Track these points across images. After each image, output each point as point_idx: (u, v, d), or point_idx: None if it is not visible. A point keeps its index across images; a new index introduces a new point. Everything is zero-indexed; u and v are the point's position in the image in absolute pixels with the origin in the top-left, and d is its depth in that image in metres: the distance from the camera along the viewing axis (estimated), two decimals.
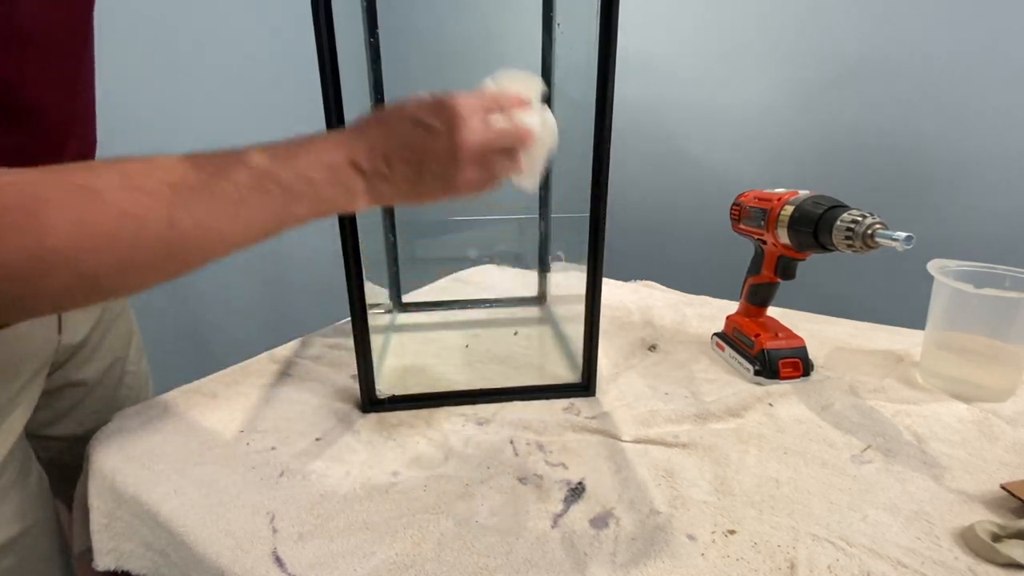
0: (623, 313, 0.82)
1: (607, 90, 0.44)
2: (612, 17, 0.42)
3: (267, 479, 0.44)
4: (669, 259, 1.39)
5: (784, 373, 0.59)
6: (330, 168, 0.35)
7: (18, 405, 0.45)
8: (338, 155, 0.36)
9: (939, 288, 0.57)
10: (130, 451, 0.48)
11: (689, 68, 1.26)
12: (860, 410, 0.54)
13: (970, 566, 0.35)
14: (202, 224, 0.31)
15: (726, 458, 0.46)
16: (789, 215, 0.54)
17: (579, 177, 0.50)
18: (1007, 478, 0.43)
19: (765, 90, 1.18)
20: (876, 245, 0.45)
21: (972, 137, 1.00)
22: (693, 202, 1.33)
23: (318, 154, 0.35)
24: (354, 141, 0.36)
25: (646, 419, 0.52)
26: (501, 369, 0.64)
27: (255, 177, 0.33)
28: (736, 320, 0.66)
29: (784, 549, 0.37)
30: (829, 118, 1.13)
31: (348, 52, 0.43)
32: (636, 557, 0.36)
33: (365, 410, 0.54)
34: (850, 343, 0.70)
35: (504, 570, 0.35)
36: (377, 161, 0.36)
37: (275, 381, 0.61)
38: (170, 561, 0.40)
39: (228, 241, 0.33)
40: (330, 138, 0.37)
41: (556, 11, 0.68)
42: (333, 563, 0.36)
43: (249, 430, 0.51)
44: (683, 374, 0.62)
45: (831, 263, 1.06)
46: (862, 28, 1.06)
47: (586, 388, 0.57)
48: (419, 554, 0.36)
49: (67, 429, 0.55)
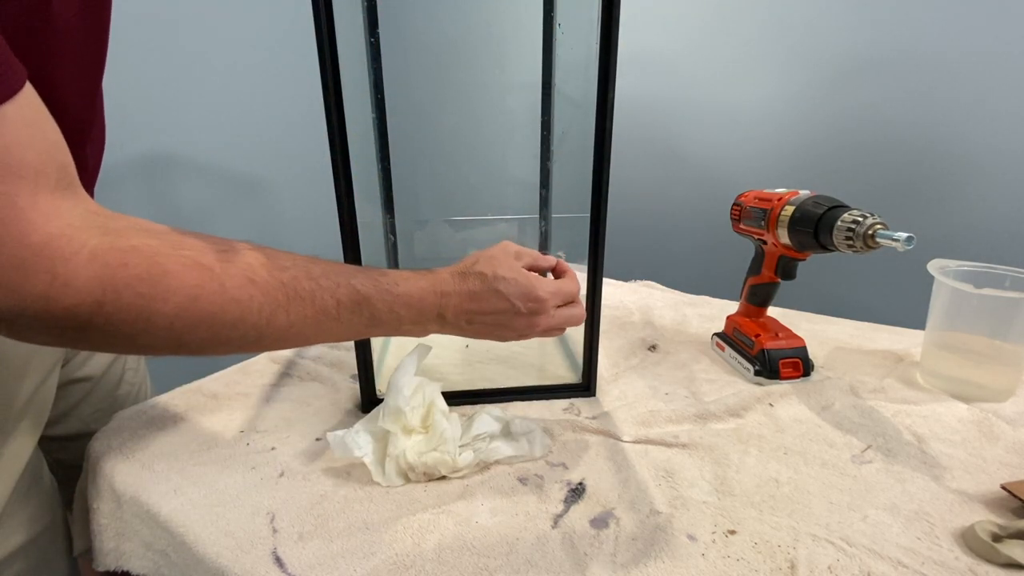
0: (623, 313, 0.82)
1: (608, 90, 0.44)
2: (613, 17, 0.42)
3: (267, 479, 0.44)
4: (669, 259, 1.39)
5: (784, 373, 0.59)
6: (420, 312, 0.40)
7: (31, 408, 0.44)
8: (430, 304, 0.40)
9: (939, 288, 0.57)
10: (130, 451, 0.48)
11: (690, 68, 1.26)
12: (860, 410, 0.54)
13: (970, 566, 0.35)
14: (294, 326, 0.34)
15: (726, 458, 0.46)
16: (789, 215, 0.54)
17: (579, 177, 0.50)
18: (1007, 478, 0.43)
19: (766, 90, 1.18)
20: (877, 245, 0.45)
21: (972, 137, 1.00)
22: (693, 202, 1.33)
23: (412, 295, 0.40)
24: (448, 297, 0.41)
25: (646, 419, 0.52)
26: (501, 369, 0.64)
27: (355, 301, 0.37)
28: (736, 320, 0.66)
29: (784, 549, 0.37)
30: (830, 118, 1.13)
31: (348, 52, 0.43)
32: (636, 557, 0.36)
33: (365, 410, 0.54)
34: (850, 343, 0.70)
35: (504, 570, 0.35)
36: (460, 319, 0.42)
37: (275, 381, 0.61)
38: (170, 561, 0.40)
39: (306, 342, 0.37)
40: (429, 281, 0.41)
41: (556, 11, 0.68)
42: (333, 563, 0.36)
43: (249, 430, 0.51)
44: (683, 374, 0.62)
45: (831, 263, 1.06)
46: (863, 28, 1.06)
47: (586, 388, 0.57)
48: (419, 554, 0.36)
49: (70, 428, 0.55)
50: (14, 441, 0.42)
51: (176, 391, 0.58)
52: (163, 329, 0.29)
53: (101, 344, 0.29)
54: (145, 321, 0.28)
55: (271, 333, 0.33)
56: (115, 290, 0.27)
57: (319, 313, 0.35)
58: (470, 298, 0.42)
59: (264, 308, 0.32)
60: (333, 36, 0.41)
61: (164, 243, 0.29)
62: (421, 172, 0.99)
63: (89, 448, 0.49)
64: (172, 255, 0.29)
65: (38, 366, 0.44)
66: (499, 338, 0.44)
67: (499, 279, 0.42)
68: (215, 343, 0.31)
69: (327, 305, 0.35)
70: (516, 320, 0.43)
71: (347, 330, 0.38)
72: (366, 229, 0.50)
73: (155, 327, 0.28)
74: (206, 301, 0.30)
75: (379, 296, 0.38)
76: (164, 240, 0.29)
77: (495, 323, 0.43)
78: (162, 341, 0.30)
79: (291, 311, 0.33)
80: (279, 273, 0.33)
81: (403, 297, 0.39)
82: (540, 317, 0.43)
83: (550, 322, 0.44)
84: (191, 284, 0.29)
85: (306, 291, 0.34)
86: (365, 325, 0.38)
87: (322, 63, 0.42)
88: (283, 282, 0.33)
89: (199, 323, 0.30)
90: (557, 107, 0.73)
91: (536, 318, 0.43)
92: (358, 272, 0.38)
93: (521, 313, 0.42)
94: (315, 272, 0.35)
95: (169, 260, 0.29)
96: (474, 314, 0.42)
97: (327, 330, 0.36)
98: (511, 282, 0.42)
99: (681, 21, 1.24)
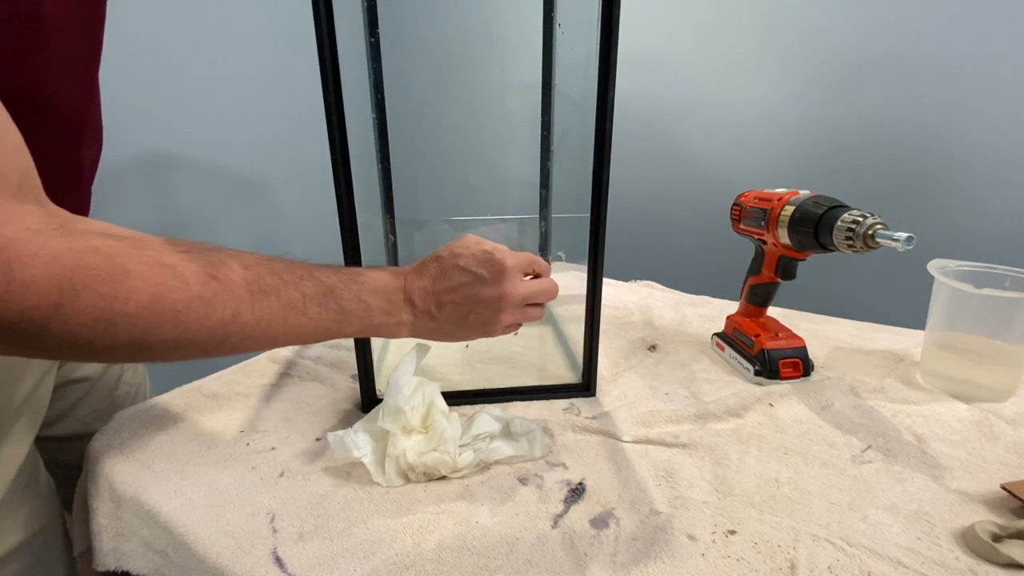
0: (623, 313, 0.82)
1: (608, 90, 0.44)
2: (613, 17, 0.42)
3: (267, 479, 0.44)
4: (669, 259, 1.39)
5: (784, 373, 0.59)
6: (388, 299, 0.40)
7: (28, 408, 0.44)
8: (395, 287, 0.41)
9: (939, 288, 0.57)
10: (130, 451, 0.48)
11: (690, 68, 1.26)
12: (860, 410, 0.54)
13: (970, 566, 0.35)
14: (260, 323, 0.33)
15: (726, 458, 0.46)
16: (790, 215, 0.54)
17: (579, 177, 0.50)
18: (1007, 478, 0.43)
19: (766, 90, 1.18)
20: (877, 245, 0.45)
21: (973, 137, 1.00)
22: (693, 202, 1.33)
23: (377, 282, 0.40)
24: (412, 280, 0.41)
25: (646, 419, 0.52)
26: (501, 369, 0.64)
27: (320, 292, 0.36)
28: (736, 320, 0.66)
29: (784, 549, 0.36)
30: (830, 118, 1.13)
31: (348, 52, 0.43)
32: (636, 557, 0.36)
33: (365, 410, 0.54)
34: (850, 343, 0.70)
35: (504, 570, 0.35)
36: (429, 302, 0.42)
37: (275, 381, 0.61)
38: (170, 561, 0.40)
39: (275, 341, 0.35)
40: (391, 271, 0.41)
41: (556, 11, 0.68)
42: (333, 563, 0.36)
43: (249, 430, 0.51)
44: (683, 374, 0.62)
45: (831, 263, 1.06)
46: (863, 28, 1.06)
47: (586, 388, 0.57)
48: (419, 554, 0.36)
49: (68, 428, 0.55)
50: (10, 440, 0.42)
51: (176, 391, 0.58)
52: (125, 330, 0.28)
53: (60, 349, 0.28)
54: (106, 323, 0.27)
55: (237, 331, 0.32)
56: (74, 291, 0.26)
57: (285, 308, 0.34)
58: (433, 279, 0.42)
59: (228, 304, 0.31)
60: (333, 36, 0.41)
61: (125, 244, 0.28)
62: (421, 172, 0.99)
63: (89, 448, 0.49)
64: (133, 255, 0.28)
65: (36, 366, 0.44)
66: (479, 323, 0.43)
67: (455, 255, 0.43)
68: (178, 345, 0.30)
69: (292, 299, 0.35)
70: (484, 290, 0.42)
71: (316, 325, 0.37)
72: (366, 229, 0.50)
73: (116, 329, 0.28)
74: (169, 299, 0.29)
75: (344, 286, 0.38)
76: (125, 242, 0.29)
77: (465, 299, 0.42)
78: (124, 344, 0.28)
79: (256, 307, 0.33)
80: (242, 270, 0.33)
81: (369, 284, 0.39)
82: (507, 283, 0.43)
83: (522, 289, 0.44)
84: (154, 283, 0.28)
85: (270, 286, 0.34)
86: (334, 319, 0.37)
87: (322, 63, 0.42)
88: (246, 278, 0.33)
89: (163, 322, 0.29)
90: (557, 107, 0.73)
91: (503, 284, 0.43)
92: (321, 267, 0.38)
93: (486, 280, 0.42)
94: (278, 268, 0.35)
95: (130, 260, 0.28)
96: (442, 294, 0.42)
97: (295, 326, 0.35)
98: (468, 256, 0.43)
99: (681, 21, 1.24)
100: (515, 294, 0.43)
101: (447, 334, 0.44)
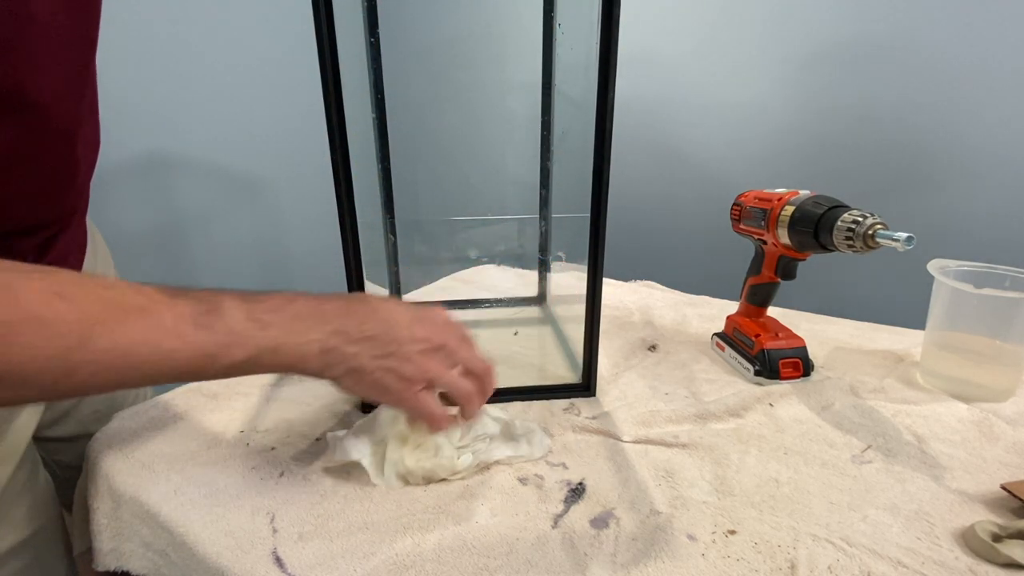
0: (623, 313, 0.82)
1: (608, 90, 0.44)
2: (613, 17, 0.42)
3: (267, 479, 0.44)
4: (669, 259, 1.39)
5: (784, 373, 0.59)
6: (294, 317, 0.34)
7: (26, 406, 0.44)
8: (304, 305, 0.36)
9: (939, 288, 0.57)
10: (130, 451, 0.48)
11: (690, 68, 1.26)
12: (860, 410, 0.54)
13: (970, 566, 0.35)
14: (118, 348, 0.27)
15: (726, 458, 0.46)
16: (789, 215, 0.54)
17: (579, 177, 0.50)
18: (1007, 478, 0.43)
19: (766, 90, 1.18)
20: (877, 245, 0.45)
21: (973, 137, 1.00)
22: (693, 202, 1.33)
23: (284, 297, 0.35)
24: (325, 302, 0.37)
25: (646, 419, 0.52)
26: (501, 369, 0.63)
27: (200, 312, 0.30)
28: (736, 320, 0.66)
29: (784, 549, 0.37)
30: (830, 118, 1.13)
31: (348, 52, 0.43)
32: (636, 557, 0.36)
33: (365, 410, 0.54)
34: (850, 343, 0.70)
35: (504, 570, 0.35)
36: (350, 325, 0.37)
37: (275, 381, 0.61)
38: (170, 561, 0.40)
39: (141, 377, 0.29)
40: (298, 293, 0.37)
41: (556, 11, 0.68)
42: (333, 563, 0.36)
43: (249, 430, 0.51)
44: (683, 374, 0.62)
45: (831, 263, 1.06)
46: (864, 27, 1.06)
47: (586, 388, 0.57)
48: (419, 554, 0.36)
49: (68, 429, 0.55)
50: (9, 437, 0.42)
51: (176, 391, 0.58)
52: None
53: None
54: None
55: (86, 359, 0.27)
56: None
57: (151, 330, 0.28)
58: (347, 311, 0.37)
59: (75, 327, 0.26)
60: (333, 36, 0.41)
61: None
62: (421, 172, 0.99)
63: (89, 448, 0.49)
64: None
65: None
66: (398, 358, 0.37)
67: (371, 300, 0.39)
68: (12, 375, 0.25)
69: (163, 320, 0.29)
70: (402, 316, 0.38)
71: (194, 352, 0.30)
72: (366, 229, 0.50)
73: None
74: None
75: (235, 303, 0.32)
76: None
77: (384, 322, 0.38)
78: None
79: (115, 330, 0.27)
80: (101, 290, 0.28)
81: (269, 302, 0.34)
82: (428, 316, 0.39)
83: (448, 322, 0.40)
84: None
85: (134, 305, 0.28)
86: (218, 343, 0.31)
87: (322, 63, 0.42)
88: (104, 298, 0.28)
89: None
90: (557, 107, 0.73)
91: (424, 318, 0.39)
92: (209, 289, 0.33)
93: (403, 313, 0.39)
94: (148, 289, 0.30)
95: None
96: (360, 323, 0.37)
97: (167, 354, 0.29)
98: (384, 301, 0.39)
99: (681, 21, 1.24)
100: (441, 320, 0.40)
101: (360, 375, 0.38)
